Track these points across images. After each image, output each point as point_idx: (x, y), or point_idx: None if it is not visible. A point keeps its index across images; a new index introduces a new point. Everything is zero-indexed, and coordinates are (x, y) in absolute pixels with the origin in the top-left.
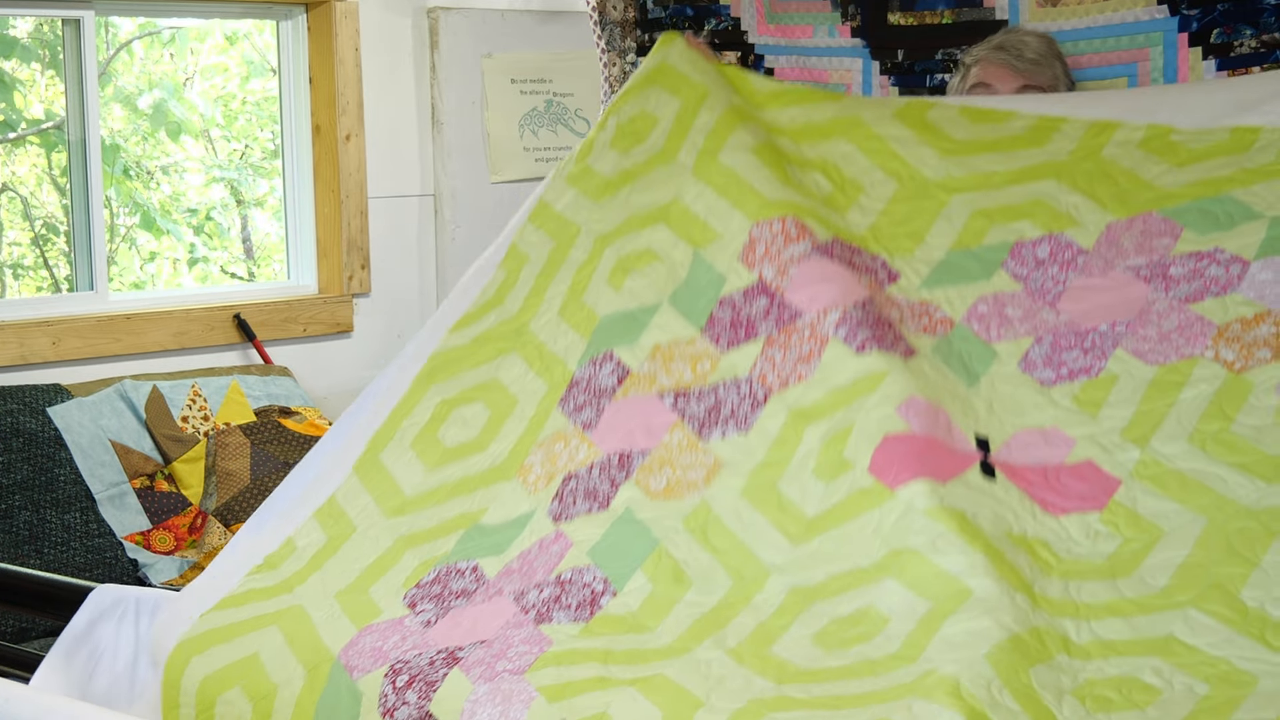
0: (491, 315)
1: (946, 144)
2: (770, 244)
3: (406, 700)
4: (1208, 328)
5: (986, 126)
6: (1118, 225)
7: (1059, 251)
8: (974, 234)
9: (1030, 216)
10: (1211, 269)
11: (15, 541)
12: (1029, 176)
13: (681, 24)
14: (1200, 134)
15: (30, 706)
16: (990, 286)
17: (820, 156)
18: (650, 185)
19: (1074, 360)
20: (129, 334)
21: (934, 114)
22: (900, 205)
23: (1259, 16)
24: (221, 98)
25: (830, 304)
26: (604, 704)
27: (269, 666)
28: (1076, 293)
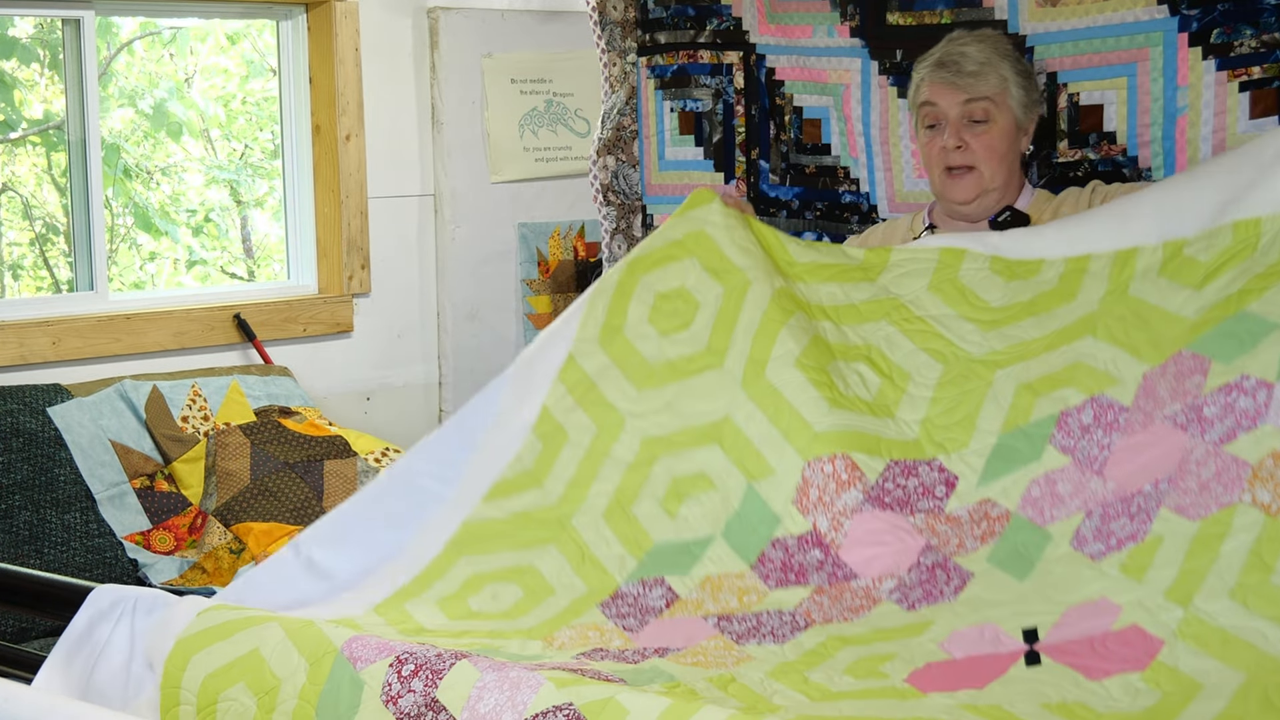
0: (530, 494)
1: (985, 315)
2: (823, 489)
3: (412, 688)
4: (1243, 469)
5: (1019, 285)
6: (1153, 374)
7: (1101, 414)
8: (1021, 411)
9: (1072, 382)
10: (1240, 401)
11: (15, 541)
12: (1066, 338)
13: (683, 23)
14: (1208, 239)
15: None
16: (1041, 466)
17: (864, 340)
18: (699, 392)
19: (1121, 529)
20: (129, 334)
21: (967, 275)
22: (948, 389)
23: (1259, 16)
24: (222, 97)
25: (885, 571)
26: (611, 691)
27: (271, 661)
28: (1121, 455)
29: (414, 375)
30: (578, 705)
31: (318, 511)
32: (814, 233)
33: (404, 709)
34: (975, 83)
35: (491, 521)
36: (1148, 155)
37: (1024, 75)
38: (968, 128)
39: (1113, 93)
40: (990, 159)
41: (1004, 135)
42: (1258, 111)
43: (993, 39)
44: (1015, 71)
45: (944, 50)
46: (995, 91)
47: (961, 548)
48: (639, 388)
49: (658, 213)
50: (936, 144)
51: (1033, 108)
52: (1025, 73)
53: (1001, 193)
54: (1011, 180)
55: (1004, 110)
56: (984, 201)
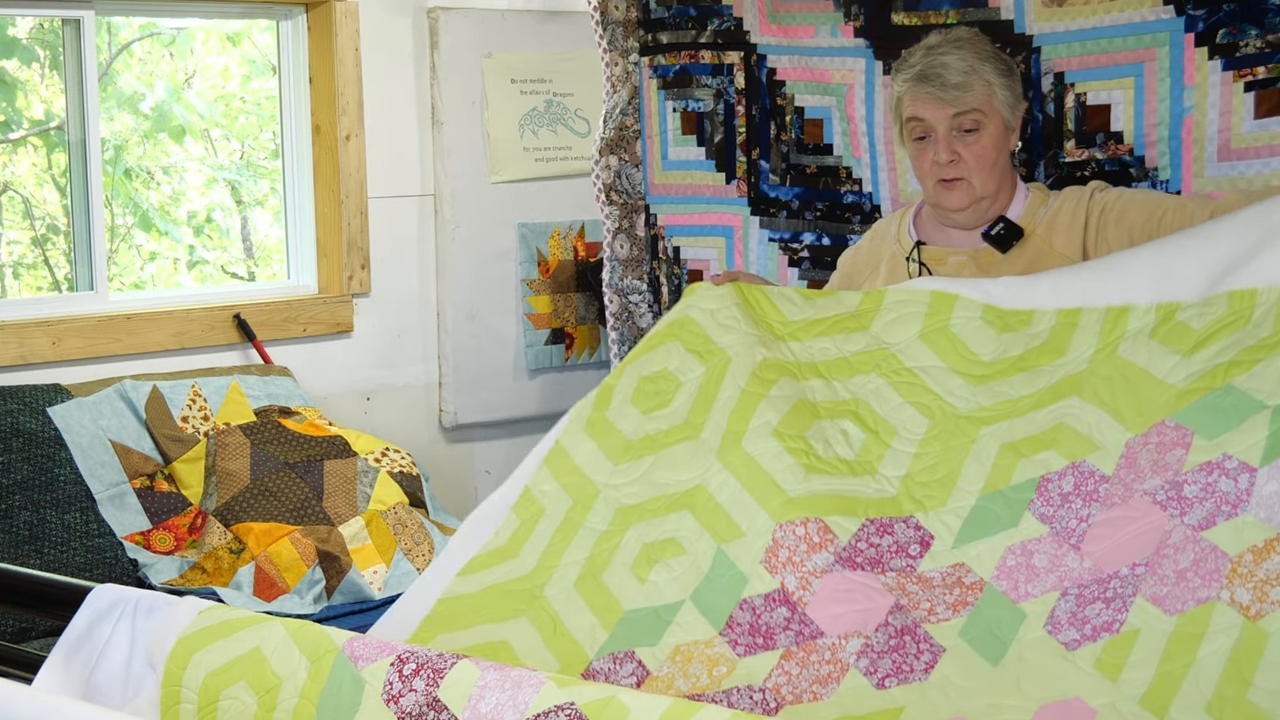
0: (504, 566)
1: (975, 369)
2: (794, 550)
3: (414, 687)
4: (1221, 561)
5: (1010, 338)
6: (1135, 442)
7: (1082, 482)
8: (1003, 473)
9: (1055, 445)
10: (1221, 483)
11: (15, 541)
12: (1053, 396)
13: (685, 23)
14: (1203, 306)
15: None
16: (1019, 534)
17: (853, 394)
18: (674, 463)
19: (1096, 615)
20: (129, 334)
21: (958, 324)
22: (932, 445)
23: (1264, 16)
24: (222, 97)
25: (852, 629)
26: (612, 690)
27: (273, 660)
28: (1100, 529)
29: (414, 375)
30: (579, 705)
31: (318, 511)
32: (814, 233)
33: (405, 708)
34: (961, 94)
35: (465, 596)
36: (1154, 155)
37: (1006, 74)
38: (958, 138)
39: (1119, 93)
40: (982, 168)
41: (994, 142)
42: (1263, 111)
43: (971, 42)
44: (998, 73)
45: (924, 62)
46: (982, 100)
47: (933, 614)
48: (616, 462)
49: (661, 212)
50: (927, 157)
51: (1018, 103)
52: (1007, 70)
53: (994, 198)
54: (1004, 183)
55: (993, 116)
56: (977, 209)
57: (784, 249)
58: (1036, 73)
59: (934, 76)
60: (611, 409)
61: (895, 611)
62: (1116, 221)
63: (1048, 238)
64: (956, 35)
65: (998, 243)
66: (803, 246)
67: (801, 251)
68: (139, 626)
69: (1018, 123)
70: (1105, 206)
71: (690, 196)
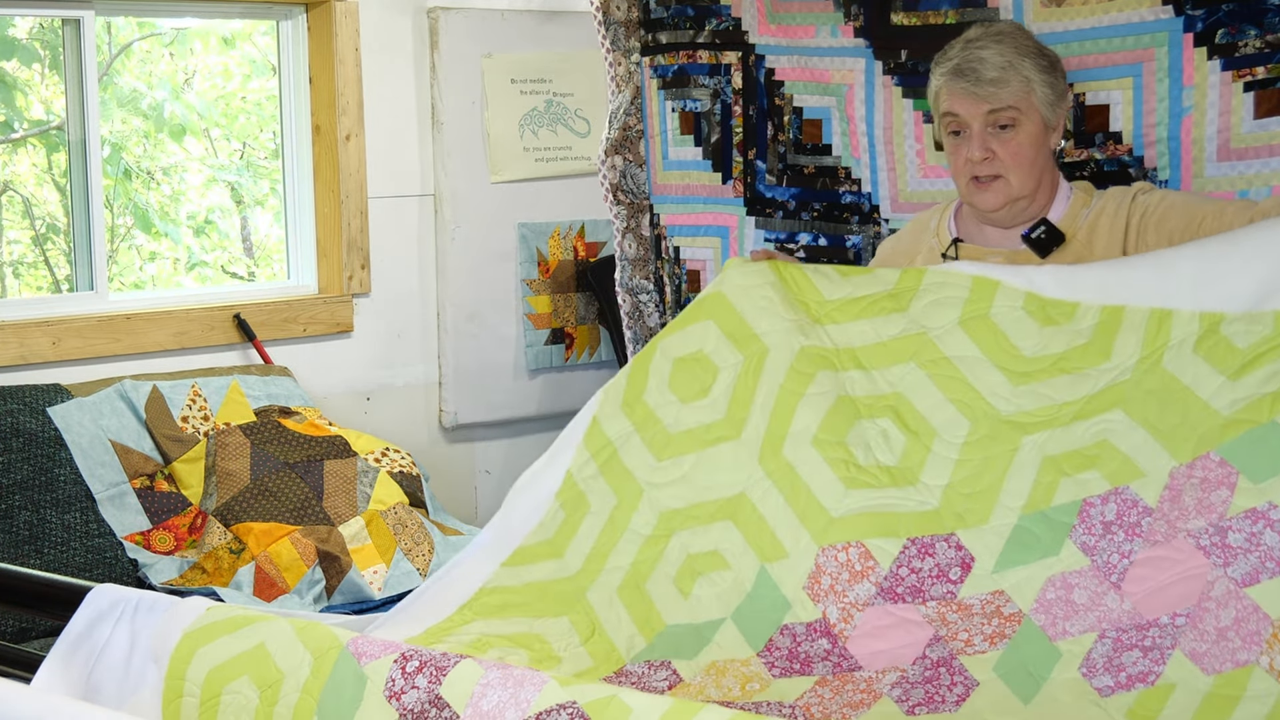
0: (549, 565)
1: (1016, 364)
2: (836, 577)
3: (416, 685)
4: (1263, 624)
5: (1052, 331)
6: (1180, 473)
7: (1125, 512)
8: (1045, 491)
9: (1097, 464)
10: (1267, 536)
11: (15, 541)
12: (1097, 407)
13: (683, 23)
14: (1248, 322)
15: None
16: (1059, 564)
17: (892, 387)
18: (717, 465)
19: (1133, 664)
20: (129, 334)
21: (999, 314)
22: (974, 451)
23: (1264, 16)
24: (222, 97)
25: (890, 664)
26: (614, 689)
27: (276, 656)
28: (1142, 569)
29: (414, 375)
30: (581, 703)
31: (318, 511)
32: (810, 234)
33: (407, 705)
34: (997, 90)
35: (507, 589)
36: (1153, 155)
37: (1048, 70)
38: (994, 135)
39: (1118, 93)
40: (1019, 166)
41: (1032, 140)
42: (1262, 111)
43: (1012, 36)
44: (1039, 69)
45: (961, 55)
46: (1019, 97)
47: (970, 645)
48: (658, 457)
49: (664, 212)
50: (962, 154)
51: (1060, 101)
52: (1050, 66)
53: (1031, 198)
54: (1044, 182)
55: (1031, 113)
56: (1013, 209)
57: (780, 250)
58: None
59: (970, 71)
60: (649, 392)
61: (933, 644)
62: (1157, 226)
63: (1088, 242)
64: (998, 29)
65: (1037, 246)
66: (799, 247)
67: (798, 252)
68: (139, 625)
69: (1060, 121)
70: (1147, 210)
71: (688, 197)
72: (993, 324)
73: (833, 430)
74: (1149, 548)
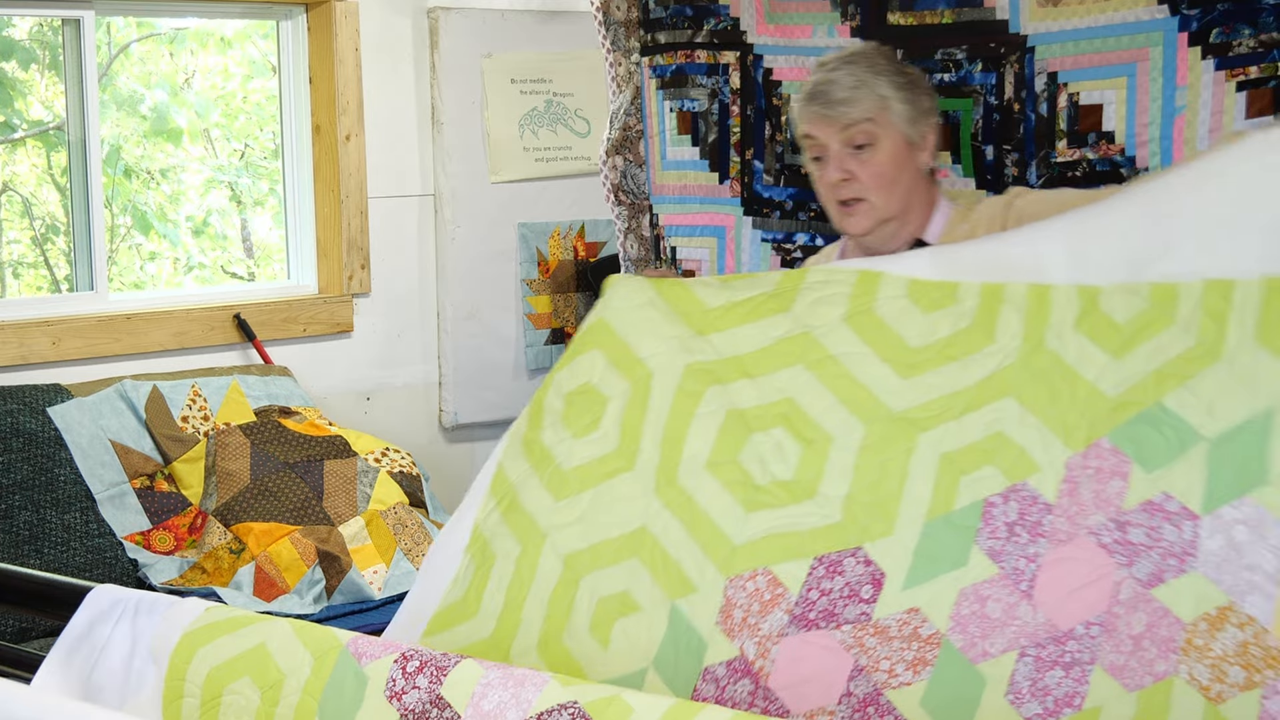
0: (466, 627)
1: (904, 357)
2: (747, 609)
3: (417, 685)
4: (1175, 630)
5: (937, 316)
6: (1075, 464)
7: (1026, 510)
8: (946, 493)
9: (993, 459)
10: (1166, 530)
11: (15, 541)
12: (987, 395)
13: (681, 23)
14: (1126, 295)
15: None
16: (969, 574)
17: (781, 394)
18: (614, 501)
19: (1057, 685)
20: (129, 334)
21: (883, 306)
22: (871, 455)
23: (1258, 16)
24: (222, 97)
25: (816, 704)
26: (615, 690)
27: (277, 656)
28: (1049, 574)
29: (414, 375)
30: (582, 703)
31: (318, 511)
32: (807, 234)
33: (408, 705)
34: (848, 110)
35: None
36: (1145, 155)
37: (906, 87)
38: (851, 156)
39: (1112, 92)
40: (880, 187)
41: (892, 159)
42: (1254, 111)
43: (866, 56)
44: (894, 86)
45: (814, 80)
46: (873, 113)
47: (893, 676)
48: (556, 497)
49: (663, 213)
50: (825, 179)
51: (923, 118)
52: (909, 84)
53: (901, 219)
54: (913, 202)
55: (888, 131)
56: (883, 231)
57: (777, 249)
58: (1030, 73)
59: (821, 94)
60: (545, 430)
61: (856, 676)
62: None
63: None
64: (853, 51)
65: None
66: (796, 247)
67: (795, 252)
68: (139, 625)
69: (927, 139)
70: (1023, 213)
71: (686, 196)
72: (877, 317)
73: (726, 450)
74: (1054, 549)
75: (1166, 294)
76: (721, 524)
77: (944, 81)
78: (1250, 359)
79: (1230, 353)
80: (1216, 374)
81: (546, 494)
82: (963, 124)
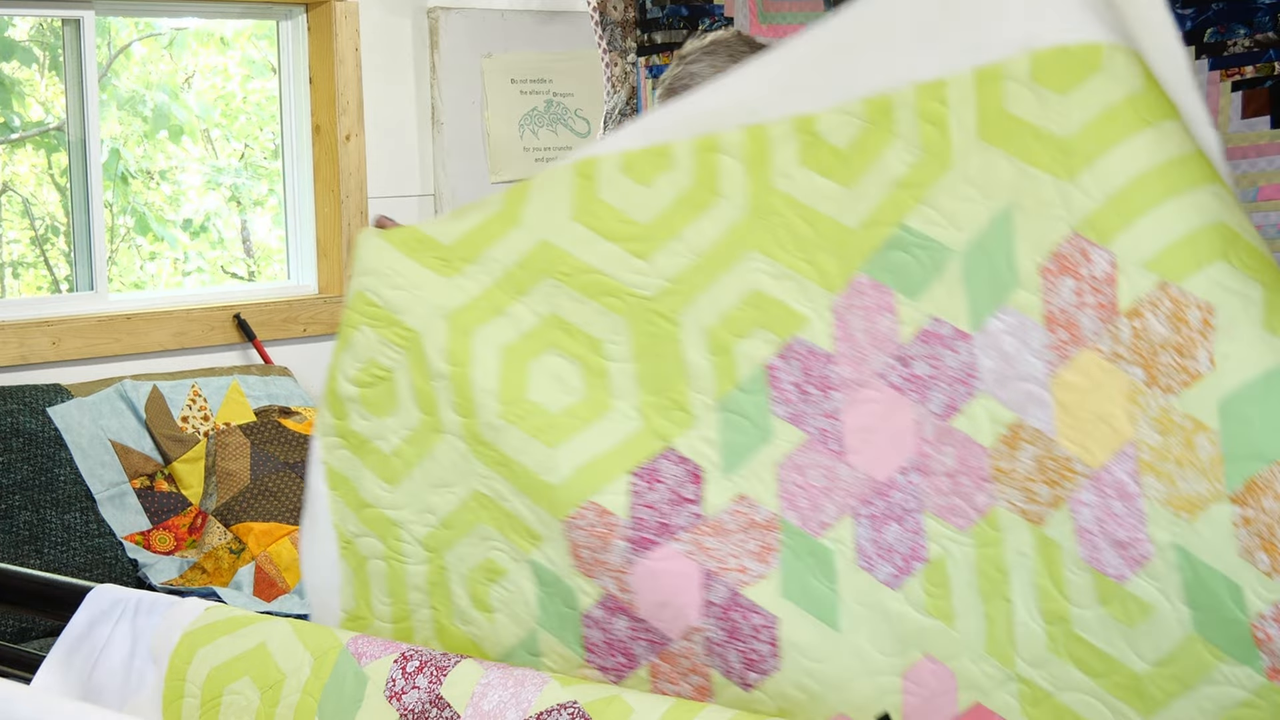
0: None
1: (640, 236)
2: (591, 547)
3: (417, 684)
4: (982, 458)
5: (659, 184)
6: (839, 305)
7: (809, 366)
8: (726, 369)
9: (760, 321)
10: (946, 357)
11: (15, 541)
12: (729, 254)
13: (677, 23)
14: (839, 116)
15: (31, 707)
16: (779, 447)
17: (540, 316)
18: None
19: (899, 541)
20: (129, 334)
21: (604, 190)
22: (644, 354)
23: (1252, 16)
24: (222, 98)
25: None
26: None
27: (277, 656)
28: (854, 430)
29: None
30: (582, 703)
31: None
32: None
33: (408, 705)
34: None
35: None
36: None
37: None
38: None
39: None
40: None
41: None
42: (1249, 111)
43: (726, 46)
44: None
45: (674, 73)
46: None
47: (744, 573)
48: (390, 483)
49: None
50: None
51: None
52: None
53: None
54: None
55: None
56: None
57: None
58: None
59: (681, 88)
60: (352, 419)
61: (708, 583)
62: None
63: None
64: (712, 40)
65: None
66: None
67: None
68: (140, 625)
69: None
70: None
71: None
72: (603, 203)
73: (511, 391)
74: (849, 400)
75: (881, 108)
76: (535, 469)
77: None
78: (980, 159)
79: (958, 157)
80: (950, 182)
81: (380, 482)
82: None
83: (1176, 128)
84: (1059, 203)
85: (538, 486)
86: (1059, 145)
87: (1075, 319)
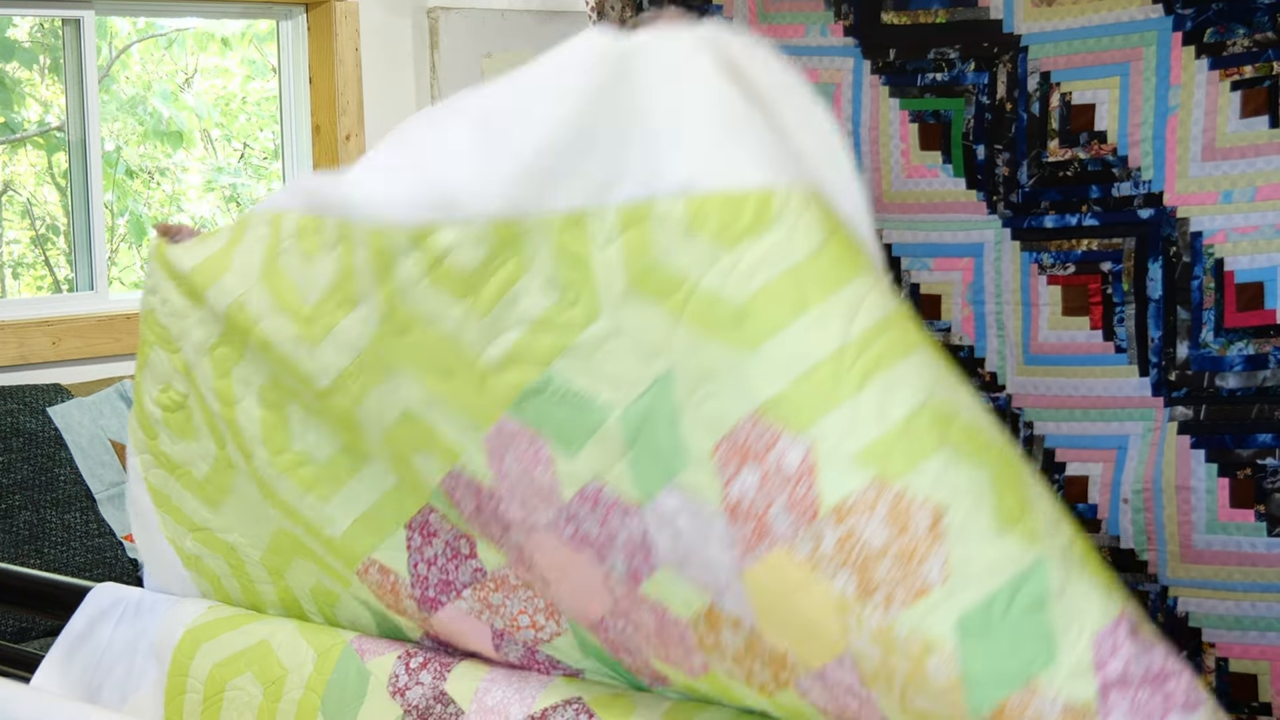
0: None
1: (304, 315)
2: (385, 600)
3: (420, 680)
4: (684, 629)
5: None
6: (491, 444)
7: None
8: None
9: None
10: (614, 521)
11: (15, 541)
12: (379, 366)
13: None
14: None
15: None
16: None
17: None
18: (249, 504)
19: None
20: (129, 334)
21: (283, 255)
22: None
23: (1252, 16)
24: (222, 98)
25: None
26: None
27: (280, 652)
28: (545, 565)
29: None
30: (587, 699)
31: None
32: None
33: (411, 701)
34: None
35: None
36: (1138, 154)
37: None
38: None
39: (1105, 92)
40: None
41: None
42: (1248, 111)
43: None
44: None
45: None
46: None
47: (538, 629)
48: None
49: None
50: None
51: None
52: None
53: None
54: None
55: None
56: None
57: None
58: (1023, 72)
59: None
60: (162, 440)
61: (500, 643)
62: None
63: None
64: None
65: None
66: None
67: None
68: (141, 623)
69: None
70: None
71: None
72: (281, 271)
73: (278, 440)
74: (529, 540)
75: (507, 230)
76: (317, 522)
77: (937, 81)
78: (635, 313)
79: (607, 307)
80: (600, 334)
81: (202, 504)
82: (954, 124)
83: (870, 285)
84: (732, 377)
85: (322, 539)
86: (731, 310)
87: (762, 514)
